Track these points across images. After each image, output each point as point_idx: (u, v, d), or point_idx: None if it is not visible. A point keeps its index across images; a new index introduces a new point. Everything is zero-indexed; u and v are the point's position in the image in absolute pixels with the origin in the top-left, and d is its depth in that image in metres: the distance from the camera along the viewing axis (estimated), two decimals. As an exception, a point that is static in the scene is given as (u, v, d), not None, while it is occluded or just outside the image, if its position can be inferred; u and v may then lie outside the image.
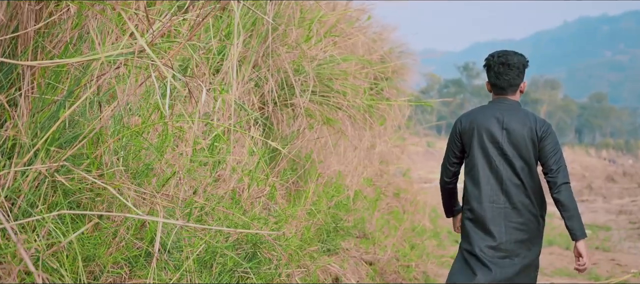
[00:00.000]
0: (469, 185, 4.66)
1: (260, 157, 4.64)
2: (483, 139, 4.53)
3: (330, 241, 5.97)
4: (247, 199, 4.58)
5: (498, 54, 4.60)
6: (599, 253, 12.71)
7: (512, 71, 4.52)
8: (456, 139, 4.72)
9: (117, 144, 3.28)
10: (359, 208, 7.57)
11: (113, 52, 2.51)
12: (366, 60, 7.85)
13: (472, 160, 4.61)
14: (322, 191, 5.99)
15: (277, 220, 4.78)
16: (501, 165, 4.50)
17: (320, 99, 6.65)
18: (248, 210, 4.53)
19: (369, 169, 9.77)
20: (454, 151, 4.75)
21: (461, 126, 4.69)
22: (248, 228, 4.00)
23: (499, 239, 4.46)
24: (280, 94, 6.48)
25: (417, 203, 11.46)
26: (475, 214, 4.57)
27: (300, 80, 6.45)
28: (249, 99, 6.28)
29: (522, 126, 4.49)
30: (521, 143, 4.47)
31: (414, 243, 8.22)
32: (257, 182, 4.62)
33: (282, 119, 6.63)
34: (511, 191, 4.49)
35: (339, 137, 7.55)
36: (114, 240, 2.97)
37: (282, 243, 4.45)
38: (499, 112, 4.55)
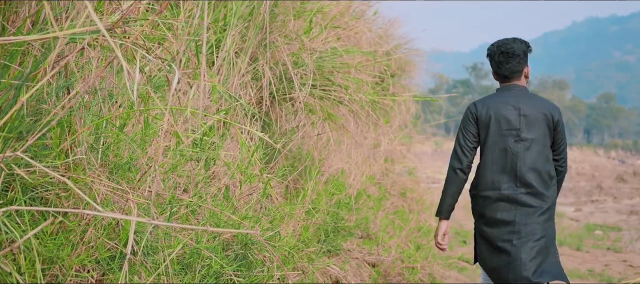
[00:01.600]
0: (483, 171, 4.62)
1: (252, 152, 4.33)
2: (500, 125, 4.53)
3: (331, 241, 5.67)
4: (238, 197, 4.29)
5: (498, 43, 4.65)
6: (611, 254, 12.37)
7: (513, 58, 4.55)
8: (472, 124, 4.63)
9: (92, 135, 2.99)
10: (363, 207, 7.27)
11: (74, 30, 2.22)
12: (370, 53, 7.53)
13: (487, 146, 4.58)
14: (322, 189, 5.69)
15: (272, 219, 4.49)
16: (519, 151, 4.49)
17: (321, 93, 6.35)
18: (240, 208, 4.24)
19: (374, 168, 9.47)
20: (470, 136, 4.62)
21: (477, 112, 4.63)
22: (238, 227, 3.71)
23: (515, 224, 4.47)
24: (278, 88, 6.19)
25: (424, 203, 11.12)
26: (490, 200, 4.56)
27: (300, 73, 6.16)
28: (245, 93, 5.99)
29: (538, 111, 4.52)
30: (539, 128, 4.52)
31: (419, 244, 7.89)
32: (250, 180, 4.32)
33: (281, 114, 6.33)
34: (527, 176, 4.48)
35: (341, 134, 7.25)
36: (82, 240, 2.68)
37: (276, 243, 4.16)
38: (513, 98, 4.55)
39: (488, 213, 4.58)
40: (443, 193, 4.74)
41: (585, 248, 12.69)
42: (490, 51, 4.69)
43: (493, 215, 4.55)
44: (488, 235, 4.58)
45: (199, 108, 5.23)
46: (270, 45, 6.12)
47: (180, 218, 3.83)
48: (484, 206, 4.62)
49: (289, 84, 6.15)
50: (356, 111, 6.52)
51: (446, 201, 4.70)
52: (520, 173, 4.48)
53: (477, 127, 4.61)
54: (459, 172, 4.61)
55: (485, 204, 4.60)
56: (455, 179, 4.63)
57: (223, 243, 3.85)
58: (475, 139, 4.63)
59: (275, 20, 6.21)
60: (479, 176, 4.67)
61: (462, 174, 4.62)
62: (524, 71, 4.63)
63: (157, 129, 3.49)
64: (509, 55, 4.54)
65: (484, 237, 4.62)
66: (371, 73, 7.94)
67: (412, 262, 7.09)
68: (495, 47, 4.64)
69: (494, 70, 4.70)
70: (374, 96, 6.92)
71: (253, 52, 6.15)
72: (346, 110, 6.73)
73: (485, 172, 4.60)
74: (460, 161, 4.61)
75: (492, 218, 4.55)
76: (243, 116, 5.79)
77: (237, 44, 6.02)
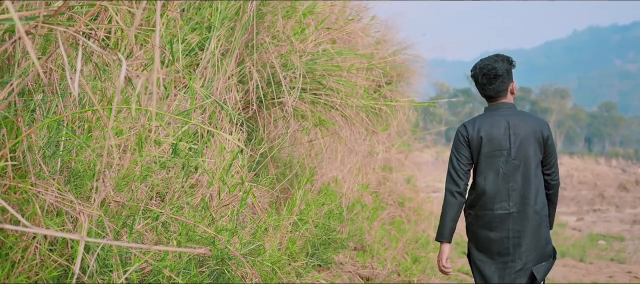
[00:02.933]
0: (476, 191, 4.61)
1: (232, 159, 3.99)
2: (491, 146, 4.53)
3: (321, 254, 5.34)
4: (216, 208, 3.95)
5: (480, 65, 4.61)
6: (615, 265, 12.01)
7: (495, 79, 4.53)
8: (464, 146, 4.62)
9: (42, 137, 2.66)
10: (357, 218, 6.94)
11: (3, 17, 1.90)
12: (365, 55, 7.20)
13: (480, 167, 4.58)
14: (312, 199, 5.35)
15: (255, 232, 4.15)
16: (509, 170, 4.49)
17: (311, 97, 6.02)
18: (218, 220, 3.90)
19: (370, 176, 9.14)
20: (464, 158, 4.61)
21: (468, 134, 4.62)
22: (212, 241, 3.38)
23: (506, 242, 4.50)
24: (266, 92, 5.87)
25: (422, 212, 10.78)
26: (483, 220, 4.56)
27: (289, 76, 5.83)
28: (230, 97, 5.66)
29: (527, 128, 4.51)
30: (529, 146, 4.49)
31: (417, 256, 7.54)
32: (229, 189, 3.97)
33: (269, 120, 6.00)
34: (518, 194, 4.49)
35: (335, 141, 6.92)
36: (23, 259, 2.35)
37: (257, 258, 3.83)
38: (502, 118, 4.55)
39: (482, 232, 4.60)
40: (442, 217, 4.67)
41: (589, 259, 12.34)
42: (473, 73, 4.65)
43: (487, 234, 4.57)
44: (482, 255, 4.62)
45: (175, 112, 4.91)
46: (257, 47, 5.80)
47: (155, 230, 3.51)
48: (477, 226, 4.63)
49: (277, 87, 5.83)
50: (350, 116, 6.20)
51: (447, 225, 4.64)
52: (512, 192, 4.49)
53: (470, 149, 4.60)
54: (457, 195, 4.58)
55: (479, 223, 4.61)
56: (453, 202, 4.59)
57: (197, 258, 3.52)
58: (469, 161, 4.62)
59: (263, 20, 5.89)
60: (472, 196, 4.67)
61: (460, 197, 4.59)
62: (509, 88, 4.61)
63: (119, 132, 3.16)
64: (491, 77, 4.53)
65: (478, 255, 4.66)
66: (367, 77, 7.62)
67: (409, 275, 6.75)
68: (477, 70, 4.61)
69: (479, 91, 4.67)
70: (368, 101, 6.59)
71: (239, 54, 5.83)
72: (339, 115, 6.40)
73: (477, 192, 4.60)
74: (456, 184, 4.58)
75: (485, 237, 4.58)
76: (228, 121, 5.46)
77: (222, 45, 5.70)
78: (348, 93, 6.15)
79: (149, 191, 4.13)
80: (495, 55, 4.63)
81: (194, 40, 5.68)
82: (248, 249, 3.68)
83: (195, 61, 5.73)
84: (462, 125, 4.71)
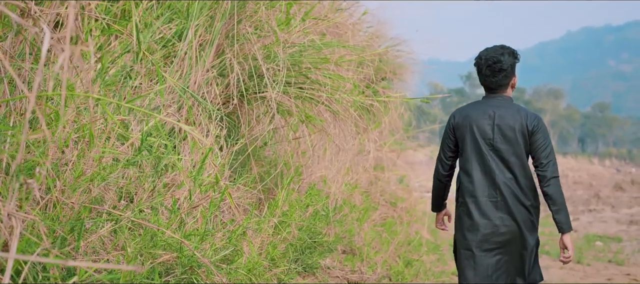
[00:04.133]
0: (463, 179, 4.71)
1: (204, 156, 3.62)
2: (475, 134, 4.60)
3: (306, 259, 4.98)
4: (187, 210, 3.58)
5: (486, 56, 4.62)
6: (613, 267, 11.67)
7: (500, 73, 4.57)
8: (450, 134, 4.80)
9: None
10: (346, 219, 6.57)
11: None
12: (355, 48, 6.81)
13: (466, 155, 4.67)
14: (295, 199, 4.98)
15: (230, 236, 3.78)
16: (493, 160, 4.55)
17: (296, 91, 5.66)
18: (188, 223, 3.53)
19: (360, 175, 8.78)
20: (448, 145, 4.82)
21: (454, 121, 4.75)
22: (178, 247, 3.01)
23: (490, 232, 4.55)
24: (248, 86, 5.50)
25: (415, 213, 10.42)
26: (469, 208, 4.63)
27: (272, 68, 5.47)
28: (209, 91, 5.30)
29: (513, 121, 4.53)
30: (512, 138, 4.52)
31: (409, 259, 7.17)
32: (201, 189, 3.60)
33: (252, 115, 5.63)
34: (503, 185, 4.54)
35: (323, 139, 6.55)
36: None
37: (232, 265, 3.47)
38: (490, 108, 4.61)
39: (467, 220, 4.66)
40: (433, 196, 5.09)
41: (586, 261, 12.00)
42: (477, 63, 4.69)
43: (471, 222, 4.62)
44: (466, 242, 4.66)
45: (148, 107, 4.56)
46: (238, 37, 5.44)
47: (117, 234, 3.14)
48: (463, 213, 4.71)
49: (260, 80, 5.47)
50: (338, 112, 5.83)
51: (437, 201, 5.09)
52: (497, 182, 4.55)
53: (455, 137, 4.76)
54: (442, 178, 4.93)
55: (464, 211, 4.69)
56: (439, 185, 4.99)
57: (163, 266, 3.16)
58: (453, 149, 4.82)
59: (245, 8, 5.52)
60: (462, 184, 4.75)
61: (444, 180, 4.94)
62: (510, 83, 4.68)
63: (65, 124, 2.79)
64: (495, 70, 4.57)
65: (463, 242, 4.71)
66: (357, 70, 7.25)
67: (401, 280, 6.39)
68: (482, 60, 4.63)
69: (481, 80, 4.71)
70: (357, 97, 6.23)
71: (219, 45, 5.46)
72: (327, 111, 6.04)
73: (464, 181, 4.71)
74: (442, 169, 4.90)
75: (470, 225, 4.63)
76: (206, 116, 5.10)
77: (201, 35, 5.34)
78: (336, 87, 5.79)
79: (118, 191, 3.77)
80: (501, 47, 4.63)
81: (170, 31, 5.32)
82: (220, 256, 3.32)
83: (173, 53, 5.37)
84: (452, 113, 4.86)
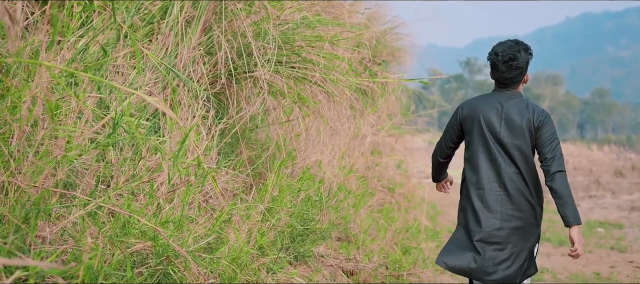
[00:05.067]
0: (467, 171, 4.67)
1: (184, 138, 3.32)
2: (482, 127, 4.56)
3: (297, 247, 4.70)
4: (164, 195, 3.29)
5: (502, 53, 4.53)
6: (615, 254, 11.43)
7: (516, 70, 4.52)
8: (456, 125, 4.77)
9: None
10: (342, 205, 6.29)
11: None
12: (351, 26, 6.50)
13: (472, 147, 4.65)
14: (286, 184, 4.69)
15: (214, 223, 3.50)
16: (499, 154, 4.52)
17: (289, 71, 5.37)
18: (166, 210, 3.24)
19: (359, 160, 8.49)
20: (452, 135, 4.81)
21: (462, 113, 4.72)
22: (152, 235, 2.73)
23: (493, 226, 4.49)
24: (237, 65, 5.21)
25: (414, 199, 10.14)
26: (472, 201, 4.58)
27: (263, 46, 5.17)
28: (196, 70, 5.01)
29: (520, 116, 4.50)
30: (519, 132, 4.49)
31: (407, 247, 6.89)
32: (180, 172, 3.31)
33: (241, 95, 5.34)
34: (508, 179, 4.50)
35: (318, 121, 6.26)
36: None
37: (214, 254, 3.19)
38: (499, 102, 4.58)
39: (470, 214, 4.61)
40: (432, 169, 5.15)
41: (588, 248, 11.75)
42: (493, 60, 4.58)
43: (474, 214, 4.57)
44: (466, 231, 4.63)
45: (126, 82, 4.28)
46: (227, 13, 5.14)
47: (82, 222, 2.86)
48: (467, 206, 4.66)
49: (249, 59, 5.18)
50: (332, 92, 5.55)
51: (435, 174, 5.16)
52: (503, 176, 4.51)
53: (461, 129, 4.74)
54: (441, 160, 5.00)
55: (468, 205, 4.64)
56: (437, 166, 5.07)
57: (137, 256, 2.88)
58: (455, 141, 4.83)
59: (233, -18, 5.22)
60: (467, 175, 4.70)
61: (443, 161, 5.01)
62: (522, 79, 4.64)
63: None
64: (512, 67, 4.51)
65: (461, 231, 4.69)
66: (353, 52, 6.96)
67: (398, 269, 6.11)
68: (498, 57, 4.54)
69: (495, 78, 4.64)
70: (354, 78, 5.94)
71: (206, 21, 5.17)
72: (321, 92, 5.76)
73: (472, 172, 4.65)
74: (441, 153, 4.96)
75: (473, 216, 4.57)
76: (193, 96, 4.81)
77: (187, 11, 5.04)
78: (330, 67, 5.50)
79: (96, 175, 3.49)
80: (515, 42, 4.57)
81: (155, 7, 5.03)
82: (199, 245, 3.04)
83: (157, 29, 5.08)
84: (460, 104, 4.81)
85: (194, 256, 2.91)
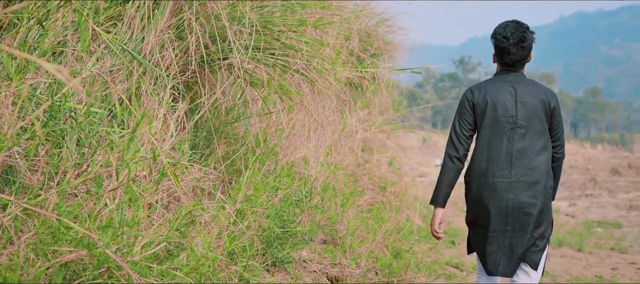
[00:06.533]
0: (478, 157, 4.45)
1: (133, 129, 2.83)
2: (497, 112, 4.38)
3: (276, 252, 4.22)
4: (109, 192, 2.81)
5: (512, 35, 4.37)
6: (616, 255, 10.97)
7: (527, 51, 4.43)
8: (469, 111, 4.49)
9: None
10: (329, 205, 5.82)
11: None
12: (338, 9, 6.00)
13: (484, 133, 4.44)
14: (261, 181, 4.21)
15: (170, 226, 3.01)
16: (514, 138, 4.36)
17: (268, 58, 4.89)
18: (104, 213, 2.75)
19: (349, 157, 8.02)
20: (467, 121, 4.49)
21: (474, 98, 4.48)
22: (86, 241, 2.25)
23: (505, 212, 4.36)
24: (211, 51, 4.73)
25: (406, 198, 9.65)
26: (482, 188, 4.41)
27: (239, 29, 4.69)
28: (164, 57, 4.53)
29: (535, 98, 4.39)
30: (536, 115, 4.38)
31: (398, 249, 6.41)
32: (129, 167, 2.82)
33: (216, 85, 4.85)
34: (522, 164, 4.35)
35: (298, 113, 5.77)
36: None
37: (165, 264, 2.71)
38: (510, 85, 4.44)
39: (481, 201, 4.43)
40: (439, 181, 4.56)
41: (588, 248, 11.30)
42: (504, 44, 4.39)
43: (486, 203, 4.39)
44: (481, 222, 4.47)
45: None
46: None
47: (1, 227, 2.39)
48: (478, 193, 4.46)
49: (224, 44, 4.70)
50: (315, 80, 5.06)
51: (442, 190, 4.54)
52: (516, 160, 4.36)
53: (474, 114, 4.48)
54: (456, 160, 4.49)
55: (479, 191, 4.44)
56: (451, 167, 4.50)
57: (71, 268, 2.40)
58: (472, 127, 4.51)
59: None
60: (474, 162, 4.49)
61: (458, 163, 4.50)
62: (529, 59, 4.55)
63: None
64: (524, 49, 4.40)
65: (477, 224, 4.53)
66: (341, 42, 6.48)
67: (389, 275, 5.63)
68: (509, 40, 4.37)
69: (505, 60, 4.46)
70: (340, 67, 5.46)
71: (176, 2, 4.68)
72: (304, 82, 5.28)
73: (480, 158, 4.45)
74: (456, 149, 4.48)
75: (485, 205, 4.40)
76: (159, 85, 4.33)
77: (154, -9, 4.56)
78: (314, 54, 5.02)
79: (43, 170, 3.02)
80: (517, 23, 4.44)
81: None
82: (149, 253, 2.56)
83: (122, 12, 4.60)
84: (468, 89, 4.57)
85: (139, 266, 2.43)
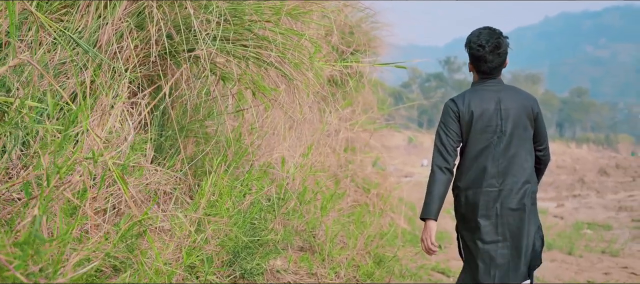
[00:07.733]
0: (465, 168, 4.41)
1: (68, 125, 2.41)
2: (482, 121, 4.35)
3: (243, 263, 3.81)
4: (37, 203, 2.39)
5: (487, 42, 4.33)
6: (607, 258, 10.64)
7: (501, 57, 4.39)
8: (454, 121, 4.40)
9: None
10: (307, 209, 5.42)
11: None
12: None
13: (470, 143, 4.40)
14: (227, 185, 3.80)
15: (116, 240, 2.60)
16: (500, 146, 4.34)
17: (239, 50, 4.48)
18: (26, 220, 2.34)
19: (330, 158, 7.63)
20: (453, 133, 4.39)
21: (457, 108, 4.42)
22: None
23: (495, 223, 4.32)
24: (174, 42, 4.32)
25: (391, 200, 9.26)
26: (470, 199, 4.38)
27: (206, 18, 4.28)
28: (122, 47, 4.11)
29: (518, 105, 4.39)
30: (520, 123, 4.37)
31: (381, 256, 6.02)
32: (58, 168, 2.40)
33: (180, 79, 4.44)
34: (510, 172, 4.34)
35: (275, 110, 5.37)
36: None
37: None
38: (492, 93, 4.41)
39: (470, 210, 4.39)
40: (429, 194, 4.39)
41: (578, 252, 10.97)
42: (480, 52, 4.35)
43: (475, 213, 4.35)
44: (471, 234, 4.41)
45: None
46: (161, -22, 4.25)
47: None
48: (466, 204, 4.42)
49: (189, 34, 4.29)
50: (290, 75, 4.66)
51: (434, 202, 4.36)
52: (503, 169, 4.34)
53: (459, 124, 4.41)
54: (446, 171, 4.37)
55: (468, 201, 4.40)
56: (442, 178, 4.36)
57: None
58: (458, 138, 4.43)
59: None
60: (462, 173, 4.46)
61: (449, 174, 4.39)
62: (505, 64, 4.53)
63: None
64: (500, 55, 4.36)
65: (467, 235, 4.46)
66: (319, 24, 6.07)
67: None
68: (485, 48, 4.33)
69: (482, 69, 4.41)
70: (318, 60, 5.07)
71: (136, -12, 4.27)
72: (279, 76, 4.88)
73: (467, 169, 4.43)
74: (446, 160, 4.38)
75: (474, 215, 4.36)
76: (116, 78, 3.92)
77: (112, -25, 4.14)
78: (288, 45, 4.62)
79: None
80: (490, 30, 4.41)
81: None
82: (79, 273, 2.14)
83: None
84: (450, 100, 4.50)
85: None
